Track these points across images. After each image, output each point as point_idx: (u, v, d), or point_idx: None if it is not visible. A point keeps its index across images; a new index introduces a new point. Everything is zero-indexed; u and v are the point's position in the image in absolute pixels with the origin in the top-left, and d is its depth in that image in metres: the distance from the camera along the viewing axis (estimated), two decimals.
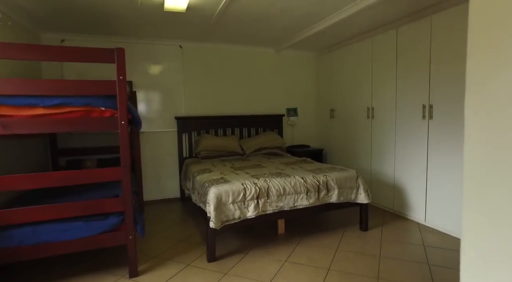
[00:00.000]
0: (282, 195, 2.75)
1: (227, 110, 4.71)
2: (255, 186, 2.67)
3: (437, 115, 3.09)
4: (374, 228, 3.24)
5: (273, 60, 4.94)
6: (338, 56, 4.60)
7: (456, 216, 2.96)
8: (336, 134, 4.73)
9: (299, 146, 5.06)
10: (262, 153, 4.46)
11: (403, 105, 3.48)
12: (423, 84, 3.20)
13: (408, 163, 3.45)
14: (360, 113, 4.17)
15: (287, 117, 5.08)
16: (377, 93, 3.87)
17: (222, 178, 2.89)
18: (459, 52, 2.85)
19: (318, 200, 2.89)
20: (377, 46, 3.82)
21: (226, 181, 2.75)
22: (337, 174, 3.06)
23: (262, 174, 3.02)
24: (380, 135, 3.85)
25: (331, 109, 4.82)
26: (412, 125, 3.37)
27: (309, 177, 2.92)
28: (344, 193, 3.02)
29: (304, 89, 5.19)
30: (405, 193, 3.51)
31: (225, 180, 2.81)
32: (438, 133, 3.09)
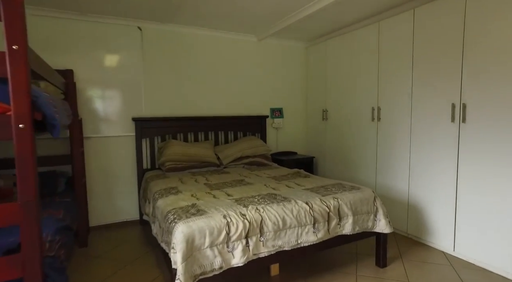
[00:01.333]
0: (281, 230, 1.93)
1: (200, 110, 3.82)
2: (244, 219, 1.83)
3: (472, 117, 2.43)
4: (393, 262, 2.51)
5: (254, 51, 4.12)
6: (333, 47, 3.88)
7: (497, 245, 2.30)
8: (330, 139, 4.00)
9: (285, 153, 4.28)
10: (243, 162, 3.62)
11: (422, 105, 2.80)
12: (453, 77, 2.53)
13: (429, 177, 2.77)
14: (362, 114, 3.47)
15: (271, 119, 4.29)
16: (385, 90, 3.18)
17: (194, 206, 2.02)
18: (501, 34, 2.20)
19: (328, 232, 2.11)
20: (386, 32, 3.13)
21: (200, 212, 1.89)
22: (349, 195, 2.29)
23: (251, 198, 2.18)
24: (388, 141, 3.16)
25: (324, 110, 4.09)
26: (436, 130, 2.69)
27: (316, 202, 2.12)
28: (360, 220, 2.27)
29: (291, 86, 4.42)
30: (424, 214, 2.83)
31: (199, 209, 1.94)
32: (472, 140, 2.43)
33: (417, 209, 2.88)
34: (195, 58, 3.75)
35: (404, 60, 2.94)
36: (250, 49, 4.09)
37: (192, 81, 3.76)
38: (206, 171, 3.32)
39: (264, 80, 4.21)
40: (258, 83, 4.17)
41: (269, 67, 4.24)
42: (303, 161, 4.08)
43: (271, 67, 4.25)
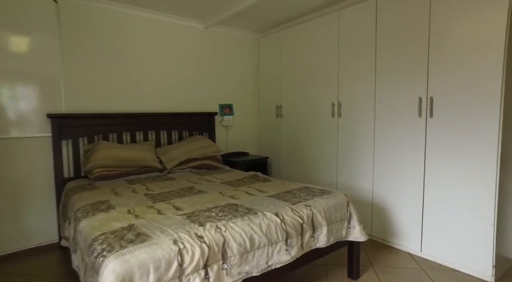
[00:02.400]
0: (248, 252, 1.53)
1: (137, 106, 3.23)
2: (201, 243, 1.39)
3: (439, 111, 2.31)
4: (365, 271, 2.28)
5: (201, 40, 3.65)
6: (287, 38, 3.59)
7: (463, 243, 2.21)
8: (285, 138, 3.71)
9: (236, 154, 3.89)
10: (190, 166, 3.13)
11: (386, 99, 2.64)
12: (419, 70, 2.40)
13: (395, 175, 2.62)
14: (321, 110, 3.23)
15: (221, 117, 3.85)
16: (346, 85, 2.97)
17: (132, 228, 1.51)
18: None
19: (302, 248, 1.76)
20: (347, 22, 2.92)
21: (141, 237, 1.39)
22: (322, 201, 1.98)
23: (207, 212, 1.74)
24: (350, 138, 2.96)
25: (278, 106, 3.79)
26: (402, 126, 2.54)
27: (287, 212, 1.76)
28: (334, 229, 1.97)
29: (242, 81, 4.04)
30: (390, 214, 2.68)
31: (138, 232, 1.44)
32: (439, 136, 2.32)
33: (382, 209, 2.72)
34: (131, 44, 3.15)
35: (367, 52, 2.76)
36: (196, 37, 3.61)
37: (128, 71, 3.14)
38: (146, 178, 2.76)
39: (212, 74, 3.76)
40: (206, 77, 3.71)
41: (218, 59, 3.80)
42: (256, 162, 3.73)
43: (220, 59, 3.81)
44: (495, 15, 2.01)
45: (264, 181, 2.57)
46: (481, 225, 2.15)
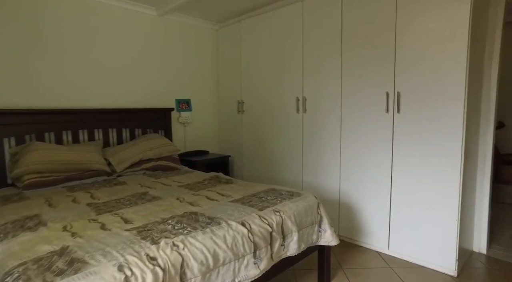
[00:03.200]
0: (212, 270, 1.31)
1: (80, 101, 2.82)
2: (154, 267, 1.14)
3: (406, 107, 2.26)
4: (335, 275, 2.17)
5: (155, 28, 3.31)
6: (248, 29, 3.38)
7: (427, 239, 2.20)
8: (248, 135, 3.52)
9: (195, 153, 3.62)
10: (143, 168, 2.81)
11: (353, 94, 2.55)
12: (386, 64, 2.33)
13: (362, 172, 2.54)
14: (285, 105, 3.08)
15: (178, 113, 3.55)
16: (311, 79, 2.84)
17: (65, 252, 1.21)
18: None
19: (271, 259, 1.58)
20: (312, 13, 2.79)
21: (76, 264, 1.11)
22: (292, 205, 1.82)
23: (161, 224, 1.48)
24: (316, 135, 2.85)
25: (239, 101, 3.58)
26: (370, 121, 2.47)
27: (255, 221, 1.57)
28: (305, 235, 1.82)
29: (200, 74, 3.76)
30: (357, 213, 2.60)
31: (73, 258, 1.15)
32: (406, 132, 2.27)
33: (350, 208, 2.64)
34: (73, 30, 2.73)
35: (333, 45, 2.64)
36: (149, 25, 3.26)
37: (68, 61, 2.72)
38: (91, 184, 2.41)
39: (168, 66, 3.44)
40: (160, 70, 3.38)
41: (174, 50, 3.48)
42: (217, 161, 3.50)
43: (176, 51, 3.50)
44: (458, 11, 1.98)
45: (226, 183, 2.35)
46: (445, 221, 2.14)
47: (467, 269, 2.26)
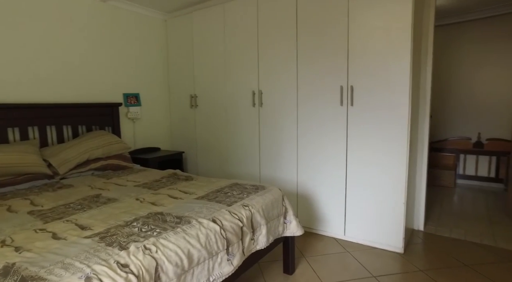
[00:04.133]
0: (187, 271, 1.26)
1: (11, 95, 2.47)
2: (127, 275, 1.05)
3: (358, 100, 2.40)
4: (299, 264, 2.24)
5: (97, 16, 3.02)
6: (201, 20, 3.27)
7: (377, 222, 2.39)
8: (202, 130, 3.43)
9: (146, 150, 3.43)
10: (91, 168, 2.58)
11: (309, 88, 2.63)
12: (340, 59, 2.44)
13: (319, 164, 2.65)
14: (241, 99, 3.06)
15: (126, 108, 3.31)
16: (267, 73, 2.86)
17: (10, 270, 1.05)
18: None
19: (243, 254, 1.57)
20: (266, 6, 2.79)
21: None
22: (259, 198, 1.82)
23: (126, 227, 1.37)
24: (273, 128, 2.89)
25: (192, 96, 3.46)
26: (325, 114, 2.57)
27: (225, 217, 1.54)
28: (273, 227, 1.84)
29: (149, 67, 3.54)
30: (314, 203, 2.71)
31: (23, 277, 1.01)
32: (359, 124, 2.42)
33: (307, 198, 2.74)
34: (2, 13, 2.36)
35: (288, 39, 2.69)
36: (92, 13, 2.96)
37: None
38: (29, 189, 2.13)
39: (114, 58, 3.17)
40: (106, 61, 3.10)
41: (120, 40, 3.22)
42: (171, 157, 3.35)
43: (122, 41, 3.24)
44: (401, 8, 2.15)
45: (186, 180, 2.27)
46: (394, 205, 2.34)
47: (410, 245, 2.51)
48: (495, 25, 4.07)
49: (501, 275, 2.06)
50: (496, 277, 2.04)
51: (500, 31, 4.05)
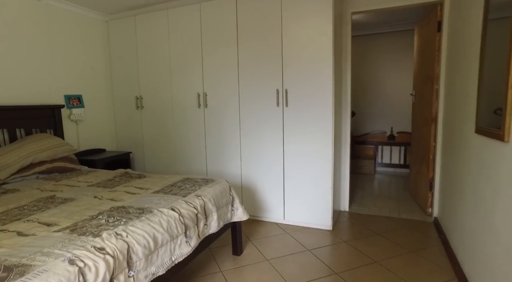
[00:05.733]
0: (153, 252, 1.48)
1: None
2: (105, 255, 1.25)
3: (292, 101, 2.79)
4: (246, 247, 2.56)
5: (32, 15, 2.94)
6: (146, 24, 3.38)
7: (309, 206, 2.84)
8: (149, 130, 3.55)
9: (92, 152, 3.43)
10: (36, 172, 2.56)
11: (249, 91, 2.95)
12: (276, 65, 2.80)
13: (260, 158, 3.00)
14: (187, 101, 3.27)
15: (68, 110, 3.28)
16: (211, 76, 3.11)
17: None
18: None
19: (198, 237, 1.83)
20: (209, 15, 3.03)
21: (14, 270, 1.11)
22: (210, 189, 2.09)
23: (93, 220, 1.53)
24: (218, 128, 3.16)
25: (137, 97, 3.55)
26: (264, 114, 2.92)
27: (182, 205, 1.78)
28: (222, 214, 2.13)
29: (91, 68, 3.53)
30: (257, 193, 3.06)
31: (6, 266, 1.14)
32: (293, 122, 2.82)
33: (251, 189, 3.08)
34: None
35: (229, 46, 2.97)
36: (28, 11, 2.88)
37: None
38: None
39: (53, 59, 3.12)
40: (45, 62, 3.04)
41: (58, 41, 3.17)
42: (118, 158, 3.41)
43: (61, 42, 3.19)
44: (324, 22, 2.58)
45: (139, 178, 2.43)
46: (323, 190, 2.79)
47: (338, 223, 3.00)
48: (397, 38, 4.90)
49: (400, 238, 2.64)
50: (396, 239, 2.61)
51: (400, 44, 4.89)
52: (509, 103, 1.28)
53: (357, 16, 3.73)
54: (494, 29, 1.54)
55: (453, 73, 2.52)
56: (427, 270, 2.15)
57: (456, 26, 2.48)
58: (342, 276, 2.10)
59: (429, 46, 3.13)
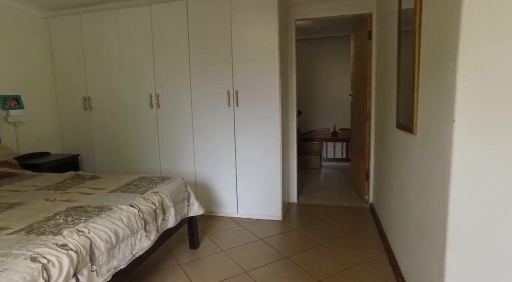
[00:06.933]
0: (114, 247, 1.54)
1: None
2: (68, 251, 1.30)
3: (242, 101, 2.97)
4: (202, 241, 2.68)
5: None
6: (93, 23, 3.30)
7: (260, 199, 3.05)
8: (99, 132, 3.47)
9: (34, 155, 3.26)
10: None
11: (202, 92, 3.06)
12: (226, 67, 2.95)
13: (213, 156, 3.13)
14: (139, 101, 3.27)
15: (5, 111, 3.08)
16: (162, 77, 3.16)
17: None
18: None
19: (157, 231, 1.92)
20: (160, 14, 3.08)
21: None
22: (167, 186, 2.18)
23: (50, 221, 1.55)
24: (171, 128, 3.22)
25: (85, 98, 3.45)
26: (216, 114, 3.05)
27: (141, 202, 1.85)
28: (179, 209, 2.23)
29: (31, 67, 3.34)
30: (211, 190, 3.19)
31: None
32: (243, 121, 3.00)
33: (205, 187, 3.19)
34: None
35: (181, 48, 3.05)
36: None
37: None
38: None
39: None
40: None
41: None
42: (65, 161, 3.29)
43: None
44: (271, 28, 2.80)
45: (93, 179, 2.42)
46: (273, 184, 3.01)
47: (287, 214, 3.26)
48: (338, 43, 5.36)
49: (341, 223, 2.97)
50: (338, 224, 2.94)
51: (340, 48, 5.37)
52: (415, 103, 1.59)
53: (301, 22, 4.03)
54: (406, 39, 1.86)
55: (381, 76, 2.90)
56: (363, 247, 2.48)
57: (382, 35, 2.87)
58: (292, 259, 2.33)
59: (362, 52, 3.53)
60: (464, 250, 1.19)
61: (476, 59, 1.09)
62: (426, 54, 1.49)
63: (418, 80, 1.58)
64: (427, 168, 1.45)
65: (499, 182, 1.12)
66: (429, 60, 1.44)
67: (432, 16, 1.42)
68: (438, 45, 1.32)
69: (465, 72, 1.10)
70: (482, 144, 1.12)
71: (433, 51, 1.38)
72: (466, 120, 1.13)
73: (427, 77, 1.46)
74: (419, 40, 1.57)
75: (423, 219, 1.52)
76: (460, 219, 1.18)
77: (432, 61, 1.39)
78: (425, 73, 1.50)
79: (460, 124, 1.13)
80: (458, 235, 1.19)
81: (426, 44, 1.49)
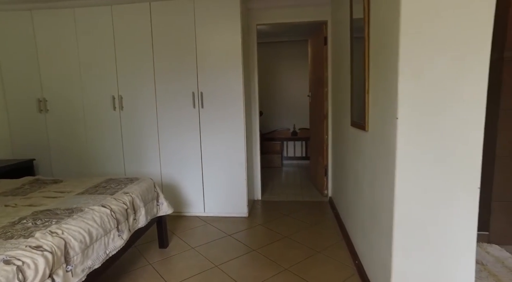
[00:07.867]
0: (88, 247, 1.56)
1: None
2: (43, 252, 1.30)
3: (207, 103, 3.05)
4: (171, 240, 2.71)
5: None
6: (47, 21, 3.15)
7: (224, 198, 3.16)
8: (56, 135, 3.33)
9: None
10: None
11: (166, 94, 3.09)
12: (191, 70, 3.02)
13: (179, 157, 3.17)
14: (101, 103, 3.20)
15: None
16: (126, 79, 3.13)
17: None
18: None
19: (129, 231, 1.94)
20: (121, 15, 3.05)
21: None
22: (136, 187, 2.19)
23: (18, 225, 1.52)
24: (135, 130, 3.19)
25: (40, 100, 3.29)
26: (182, 115, 3.10)
27: (112, 202, 1.86)
28: (149, 209, 2.25)
29: None
30: (178, 190, 3.22)
31: None
32: (209, 122, 3.08)
33: (172, 187, 3.22)
34: None
35: (145, 50, 3.05)
36: None
37: None
38: None
39: None
40: None
41: None
42: (18, 166, 3.11)
43: None
44: (233, 34, 2.92)
45: (55, 183, 2.35)
46: (238, 183, 3.13)
47: (253, 210, 3.39)
48: (296, 47, 5.63)
49: (303, 216, 3.18)
50: (301, 218, 3.13)
51: (299, 51, 5.64)
52: (367, 103, 1.81)
53: (262, 27, 4.20)
54: (358, 45, 2.08)
55: (337, 78, 3.15)
56: (324, 237, 2.69)
57: (336, 41, 3.12)
58: (259, 251, 2.47)
59: (319, 55, 3.79)
60: (407, 228, 1.41)
61: (413, 63, 1.30)
62: (374, 59, 1.71)
63: (368, 82, 1.80)
64: (377, 161, 1.67)
65: (434, 169, 1.35)
66: (377, 64, 1.66)
67: (378, 25, 1.63)
68: (383, 51, 1.53)
69: (404, 75, 1.31)
70: (421, 138, 1.34)
71: (380, 56, 1.60)
72: (406, 118, 1.34)
73: (376, 79, 1.68)
74: (368, 46, 1.78)
75: (375, 206, 1.73)
76: (404, 203, 1.39)
77: (379, 65, 1.60)
78: (374, 76, 1.72)
79: (402, 121, 1.34)
80: (403, 216, 1.40)
81: (374, 50, 1.71)
